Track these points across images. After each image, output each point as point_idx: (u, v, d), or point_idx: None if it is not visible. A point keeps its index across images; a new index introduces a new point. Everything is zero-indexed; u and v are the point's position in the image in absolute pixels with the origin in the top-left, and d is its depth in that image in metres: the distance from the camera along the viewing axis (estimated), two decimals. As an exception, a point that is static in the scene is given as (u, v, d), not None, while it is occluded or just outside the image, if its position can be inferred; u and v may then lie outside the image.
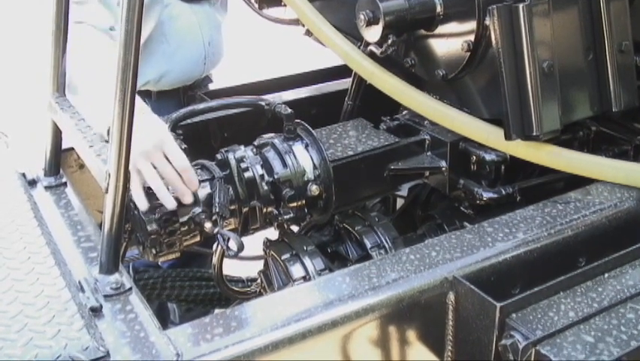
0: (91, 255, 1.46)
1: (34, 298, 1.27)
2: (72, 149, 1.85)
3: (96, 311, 1.26)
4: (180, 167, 1.55)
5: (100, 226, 1.45)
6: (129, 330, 1.22)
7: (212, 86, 2.56)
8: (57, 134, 1.76)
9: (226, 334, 1.20)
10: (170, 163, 1.55)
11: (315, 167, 1.72)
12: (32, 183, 1.77)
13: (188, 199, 1.55)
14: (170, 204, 1.54)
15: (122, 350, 1.17)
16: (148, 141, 1.53)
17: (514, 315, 1.27)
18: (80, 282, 1.35)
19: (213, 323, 1.23)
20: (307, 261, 1.73)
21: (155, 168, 1.54)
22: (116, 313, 1.27)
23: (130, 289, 1.34)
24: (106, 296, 1.31)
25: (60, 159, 1.82)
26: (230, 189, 1.67)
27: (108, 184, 1.33)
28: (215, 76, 2.59)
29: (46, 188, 1.76)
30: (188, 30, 2.30)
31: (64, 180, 1.79)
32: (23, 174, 1.79)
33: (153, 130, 1.58)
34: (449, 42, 1.75)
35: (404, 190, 2.12)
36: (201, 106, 1.93)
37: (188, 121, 1.89)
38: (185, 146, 1.62)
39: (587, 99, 1.72)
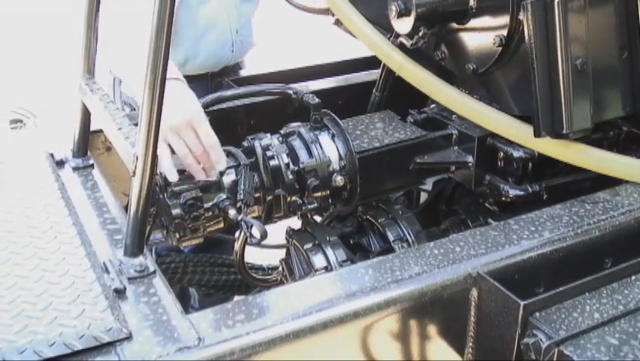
0: (116, 237, 1.47)
1: (59, 277, 1.29)
2: (99, 131, 1.86)
3: (120, 293, 1.28)
4: (207, 144, 1.57)
5: (125, 208, 1.46)
6: (152, 313, 1.23)
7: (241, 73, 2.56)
8: (86, 115, 1.77)
9: (248, 321, 1.20)
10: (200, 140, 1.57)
11: (340, 157, 1.72)
12: (60, 163, 1.79)
13: (213, 174, 1.56)
14: (199, 174, 1.55)
15: (144, 332, 1.18)
16: (180, 115, 1.56)
17: (537, 314, 1.26)
18: (104, 263, 1.36)
19: (235, 309, 1.23)
20: (329, 251, 1.73)
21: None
22: (140, 296, 1.28)
23: (154, 272, 1.34)
24: (130, 279, 1.32)
25: (88, 141, 1.83)
26: (256, 176, 1.67)
27: (136, 167, 1.34)
28: (247, 63, 2.59)
29: (74, 169, 1.77)
30: (215, 16, 2.30)
31: (91, 161, 1.80)
32: (52, 155, 1.81)
33: (188, 104, 1.60)
34: (481, 36, 1.73)
35: (428, 184, 2.11)
36: (229, 92, 1.93)
37: (216, 107, 1.89)
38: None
39: (620, 98, 1.69)
